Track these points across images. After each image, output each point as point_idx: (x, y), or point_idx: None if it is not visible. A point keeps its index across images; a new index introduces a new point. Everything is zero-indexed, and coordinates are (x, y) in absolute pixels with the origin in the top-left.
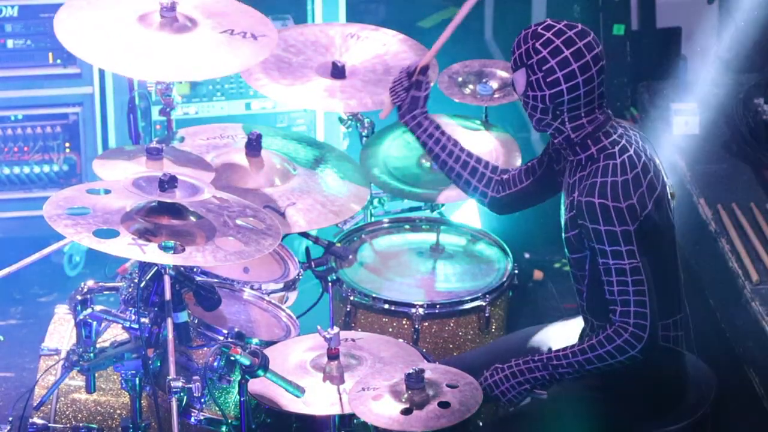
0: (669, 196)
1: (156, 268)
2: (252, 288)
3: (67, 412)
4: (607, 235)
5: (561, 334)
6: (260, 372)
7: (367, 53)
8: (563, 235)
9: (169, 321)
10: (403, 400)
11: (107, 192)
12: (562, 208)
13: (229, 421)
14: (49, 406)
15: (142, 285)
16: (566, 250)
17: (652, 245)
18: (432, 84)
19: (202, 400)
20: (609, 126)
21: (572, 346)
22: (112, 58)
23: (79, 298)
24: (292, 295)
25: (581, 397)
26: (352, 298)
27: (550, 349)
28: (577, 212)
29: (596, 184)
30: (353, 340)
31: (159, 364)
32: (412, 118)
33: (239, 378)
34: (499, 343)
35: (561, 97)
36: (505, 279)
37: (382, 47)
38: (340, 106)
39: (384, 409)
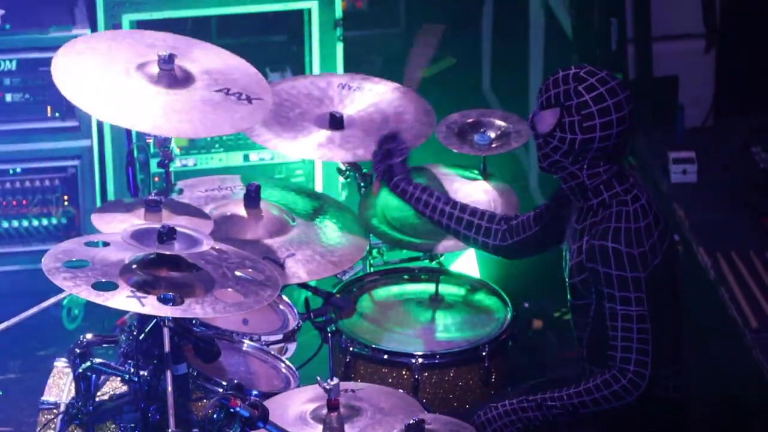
0: (676, 249)
1: (155, 320)
2: (251, 339)
3: None
4: (618, 280)
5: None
6: (260, 424)
7: (362, 103)
8: (568, 281)
9: (169, 373)
10: None
11: (106, 245)
12: (567, 254)
13: None
14: None
15: (141, 337)
16: (570, 296)
17: (657, 296)
18: (410, 147)
19: None
20: (622, 174)
21: (567, 388)
22: (108, 109)
23: (78, 351)
24: (292, 347)
25: None
26: (351, 348)
27: (545, 391)
28: (588, 256)
29: (609, 229)
30: (353, 390)
31: (158, 416)
32: (394, 186)
33: (239, 430)
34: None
35: (591, 144)
36: (504, 329)
37: (377, 96)
38: (341, 156)
39: None
